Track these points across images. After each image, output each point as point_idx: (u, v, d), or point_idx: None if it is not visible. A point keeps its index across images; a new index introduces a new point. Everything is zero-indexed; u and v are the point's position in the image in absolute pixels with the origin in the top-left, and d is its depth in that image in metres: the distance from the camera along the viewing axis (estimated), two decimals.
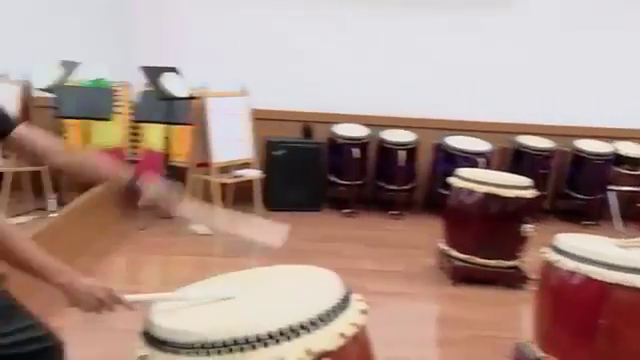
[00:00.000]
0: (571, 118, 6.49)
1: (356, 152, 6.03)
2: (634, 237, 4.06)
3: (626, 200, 6.13)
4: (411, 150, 6.22)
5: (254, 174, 5.85)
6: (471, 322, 3.82)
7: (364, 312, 1.72)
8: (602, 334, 2.66)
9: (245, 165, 5.86)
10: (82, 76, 5.48)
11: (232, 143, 5.68)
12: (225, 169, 5.77)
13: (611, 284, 2.68)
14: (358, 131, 6.24)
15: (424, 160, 6.40)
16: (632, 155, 6.32)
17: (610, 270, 2.70)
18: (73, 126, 5.60)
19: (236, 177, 5.72)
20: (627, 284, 2.66)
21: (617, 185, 6.14)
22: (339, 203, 6.20)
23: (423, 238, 5.24)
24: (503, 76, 6.51)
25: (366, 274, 4.55)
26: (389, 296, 4.19)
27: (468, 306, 4.08)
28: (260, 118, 6.00)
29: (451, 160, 6.02)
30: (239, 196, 5.96)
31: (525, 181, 4.49)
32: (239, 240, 1.99)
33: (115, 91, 5.64)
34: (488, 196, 4.32)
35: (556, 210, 6.54)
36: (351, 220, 6.04)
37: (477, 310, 4.01)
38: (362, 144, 6.17)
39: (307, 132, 6.22)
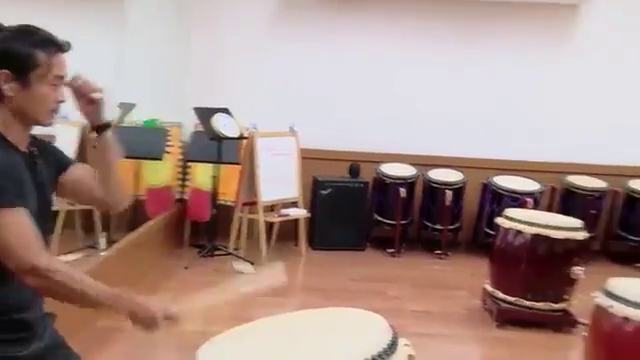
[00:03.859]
0: (624, 157, 6.37)
1: (402, 191, 6.03)
2: None
3: None
4: (458, 190, 6.19)
5: (300, 213, 5.91)
6: None
7: (411, 358, 1.72)
8: None
9: (292, 204, 5.93)
10: (137, 116, 5.67)
11: (279, 182, 5.76)
12: (272, 208, 5.84)
13: None
14: (405, 170, 6.26)
15: (471, 200, 6.35)
16: None
17: None
18: (125, 165, 5.77)
19: (282, 216, 5.79)
20: None
21: None
22: (384, 242, 6.19)
23: (467, 279, 5.18)
24: (553, 115, 6.47)
25: (410, 315, 4.52)
26: (432, 338, 4.13)
27: (513, 349, 3.99)
28: (308, 157, 6.09)
29: (498, 200, 5.97)
30: (284, 234, 6.02)
31: (575, 222, 4.41)
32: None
33: (167, 131, 5.81)
34: (536, 237, 4.25)
35: (607, 252, 6.37)
36: (395, 260, 6.02)
37: (522, 354, 3.93)
38: (409, 183, 6.17)
39: (354, 171, 6.27)
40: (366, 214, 6.24)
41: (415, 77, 6.51)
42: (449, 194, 6.05)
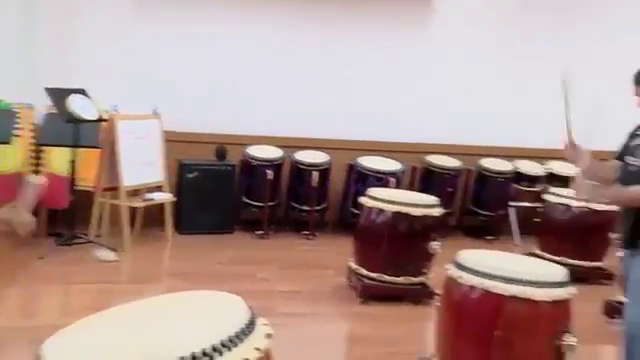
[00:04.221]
0: (476, 138, 6.79)
1: (270, 173, 6.05)
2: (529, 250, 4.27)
3: (525, 215, 6.45)
4: (324, 171, 6.31)
5: (165, 197, 5.76)
6: (379, 339, 3.89)
7: (269, 336, 1.73)
8: (497, 345, 2.79)
9: (156, 188, 5.76)
10: None
11: (142, 166, 5.57)
12: (135, 193, 5.64)
13: (507, 297, 2.82)
14: (271, 152, 6.28)
15: (337, 181, 6.51)
16: (530, 173, 6.68)
17: (507, 284, 2.84)
18: None
19: (146, 200, 5.61)
20: (522, 296, 2.81)
21: (517, 201, 6.46)
22: (252, 225, 6.19)
23: (334, 258, 5.31)
24: (414, 98, 6.74)
25: (278, 295, 4.57)
26: (300, 317, 4.22)
27: (377, 324, 4.16)
28: (173, 140, 5.93)
29: (363, 180, 6.15)
30: (150, 220, 5.84)
31: (432, 199, 4.65)
32: None
33: (16, 113, 5.40)
34: (397, 215, 4.45)
35: (462, 226, 6.80)
36: (264, 242, 6.04)
37: (385, 327, 4.10)
38: (276, 165, 6.20)
39: (220, 154, 6.19)
40: (234, 197, 6.20)
41: (280, 58, 6.52)
42: (315, 175, 6.16)
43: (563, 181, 6.58)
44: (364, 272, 4.52)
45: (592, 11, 7.08)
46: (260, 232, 6.11)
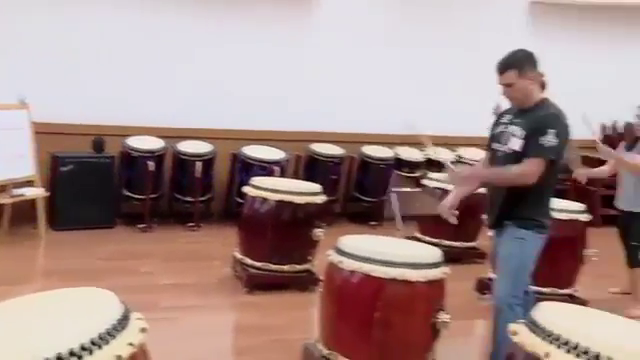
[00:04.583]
0: (358, 125, 6.93)
1: (151, 165, 5.88)
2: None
3: (405, 200, 6.69)
4: (208, 161, 6.21)
5: (36, 192, 5.44)
6: (266, 328, 3.91)
7: (144, 330, 1.69)
8: (377, 326, 2.89)
9: (26, 183, 5.42)
10: None
11: (9, 160, 5.22)
12: (2, 188, 5.28)
13: (386, 279, 2.92)
14: (153, 143, 6.09)
15: (222, 171, 6.43)
16: (411, 159, 6.94)
17: (386, 267, 2.94)
18: None
19: (14, 196, 5.26)
20: (400, 278, 2.92)
21: (398, 187, 6.68)
22: (134, 218, 5.99)
23: (220, 249, 5.25)
24: (297, 87, 6.77)
25: (162, 289, 4.46)
26: (185, 310, 4.14)
27: (263, 312, 4.17)
28: (44, 132, 5.60)
29: (247, 170, 6.11)
30: (20, 217, 5.49)
31: (315, 187, 4.71)
32: None
33: None
34: (280, 203, 4.47)
35: (347, 213, 6.95)
36: (147, 235, 5.87)
37: (271, 316, 4.12)
38: (157, 156, 6.03)
39: (98, 146, 5.92)
40: (114, 190, 5.97)
41: (158, 48, 6.33)
42: (199, 166, 6.05)
43: (440, 166, 6.90)
44: (249, 262, 4.50)
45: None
46: (142, 225, 5.92)
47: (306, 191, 4.60)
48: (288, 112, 6.73)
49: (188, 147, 6.22)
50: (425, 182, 5.99)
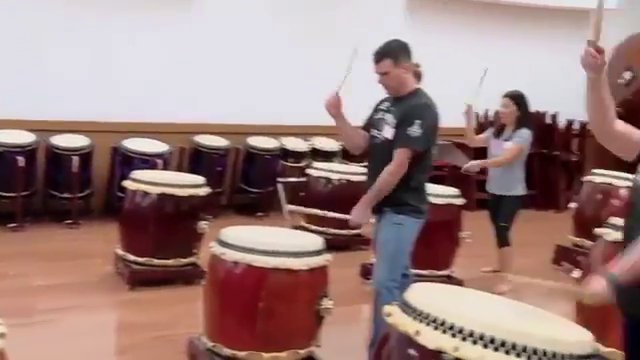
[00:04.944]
0: (242, 117, 6.89)
1: (21, 160, 5.53)
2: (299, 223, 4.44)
3: (292, 190, 6.75)
4: (85, 155, 5.94)
5: None
6: (150, 324, 3.82)
7: (3, 336, 1.61)
8: (261, 316, 2.90)
9: None
10: None
11: None
12: None
13: (269, 269, 2.94)
14: (22, 137, 5.74)
15: (101, 165, 6.18)
16: (296, 149, 6.99)
17: (268, 256, 2.96)
18: None
19: None
20: (282, 267, 2.94)
21: (284, 177, 6.73)
22: (4, 217, 5.61)
23: (101, 246, 5.04)
24: (181, 78, 6.60)
25: (38, 291, 4.24)
26: (64, 311, 3.97)
27: (147, 309, 4.06)
28: None
29: (129, 163, 5.90)
30: None
31: (198, 179, 4.65)
32: None
33: None
34: (162, 196, 4.37)
35: (234, 205, 6.90)
36: (18, 235, 5.52)
37: (156, 311, 4.03)
38: (28, 151, 5.68)
39: None
40: None
41: (27, 36, 5.96)
42: (76, 160, 5.77)
43: (325, 156, 7.02)
44: (131, 258, 4.37)
45: None
46: (13, 225, 5.56)
47: (189, 183, 4.52)
48: (171, 104, 6.56)
49: (63, 141, 5.91)
50: (310, 172, 6.07)
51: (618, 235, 2.25)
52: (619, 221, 2.25)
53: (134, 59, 6.42)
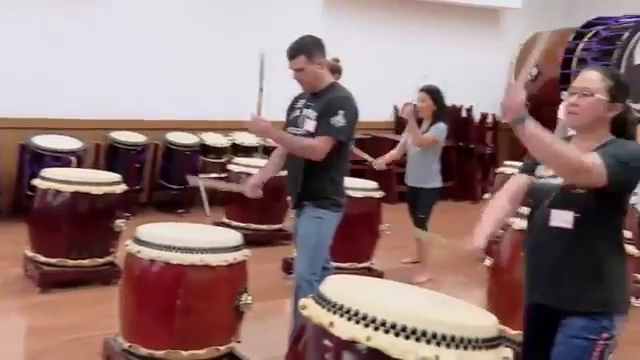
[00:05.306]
0: (161, 112, 6.74)
1: None
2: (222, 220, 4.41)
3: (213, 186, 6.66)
4: None
5: None
6: (64, 327, 3.67)
7: None
8: (179, 313, 2.86)
9: None
10: None
11: None
12: None
13: (186, 266, 2.89)
14: None
15: (9, 163, 5.89)
16: (216, 145, 6.91)
17: (186, 253, 2.91)
18: None
19: None
20: (200, 264, 2.90)
21: (205, 173, 6.64)
22: None
23: (10, 248, 4.79)
24: (95, 72, 6.39)
25: None
26: None
27: (60, 311, 3.91)
28: None
29: (39, 161, 5.66)
30: None
31: (114, 177, 4.52)
32: None
33: None
34: (76, 195, 4.22)
35: (154, 202, 6.76)
36: None
37: (70, 314, 3.88)
38: None
39: None
40: None
41: None
42: None
43: (246, 151, 6.96)
44: (42, 259, 4.20)
45: None
46: None
47: (104, 181, 4.38)
48: (85, 99, 6.33)
49: None
50: (231, 167, 6.01)
51: (524, 224, 2.35)
52: (526, 210, 2.35)
53: (40, 51, 6.15)
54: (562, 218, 2.09)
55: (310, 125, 3.25)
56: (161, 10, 6.85)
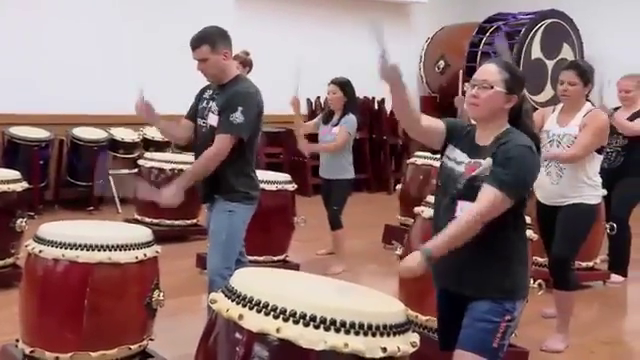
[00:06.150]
0: (65, 106, 6.47)
1: None
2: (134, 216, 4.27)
3: (123, 182, 6.47)
4: None
5: None
6: None
7: None
8: (88, 314, 2.75)
9: None
10: None
11: None
12: None
13: (93, 264, 2.79)
14: None
15: None
16: (126, 140, 6.70)
17: (93, 251, 2.80)
18: None
19: None
20: (108, 261, 2.81)
21: (115, 169, 6.44)
22: None
23: None
24: None
25: None
26: None
27: None
28: None
29: None
30: None
31: (13, 174, 4.31)
32: None
33: None
34: None
35: (60, 200, 6.49)
36: None
37: None
38: None
39: None
40: None
41: None
42: None
43: (158, 146, 6.79)
44: None
45: None
46: None
47: (2, 179, 4.16)
48: None
49: None
50: (142, 163, 5.85)
51: (432, 212, 2.42)
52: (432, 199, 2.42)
53: None
54: (467, 209, 2.15)
55: (213, 120, 3.22)
56: (69, 3, 6.57)
